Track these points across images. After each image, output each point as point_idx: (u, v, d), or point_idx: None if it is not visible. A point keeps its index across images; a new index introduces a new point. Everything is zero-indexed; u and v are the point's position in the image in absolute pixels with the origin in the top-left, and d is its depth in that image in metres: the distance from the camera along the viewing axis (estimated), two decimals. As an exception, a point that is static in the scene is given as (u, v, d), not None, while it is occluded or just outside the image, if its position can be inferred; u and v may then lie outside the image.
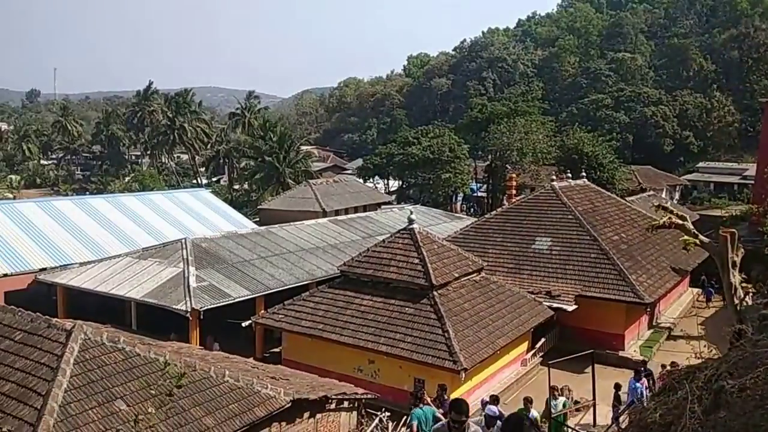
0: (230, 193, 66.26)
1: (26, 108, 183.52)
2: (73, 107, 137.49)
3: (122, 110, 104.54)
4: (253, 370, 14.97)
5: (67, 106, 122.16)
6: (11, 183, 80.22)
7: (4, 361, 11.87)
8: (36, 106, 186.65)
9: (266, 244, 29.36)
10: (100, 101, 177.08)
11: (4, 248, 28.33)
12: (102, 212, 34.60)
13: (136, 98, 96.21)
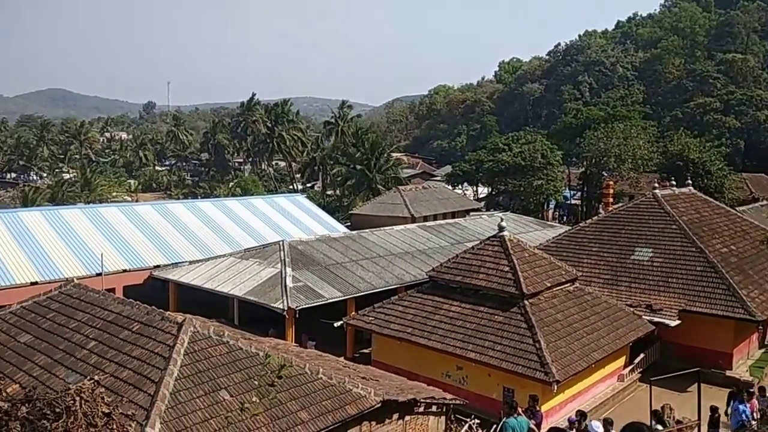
0: (323, 198, 68.28)
1: (143, 119, 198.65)
2: (185, 118, 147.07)
3: (227, 120, 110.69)
4: (344, 369, 15.50)
5: (179, 117, 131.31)
6: (130, 187, 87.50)
7: (122, 349, 13.05)
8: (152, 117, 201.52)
9: (357, 248, 30.11)
10: (208, 112, 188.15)
11: (124, 246, 30.97)
12: (209, 215, 36.93)
13: (240, 109, 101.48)
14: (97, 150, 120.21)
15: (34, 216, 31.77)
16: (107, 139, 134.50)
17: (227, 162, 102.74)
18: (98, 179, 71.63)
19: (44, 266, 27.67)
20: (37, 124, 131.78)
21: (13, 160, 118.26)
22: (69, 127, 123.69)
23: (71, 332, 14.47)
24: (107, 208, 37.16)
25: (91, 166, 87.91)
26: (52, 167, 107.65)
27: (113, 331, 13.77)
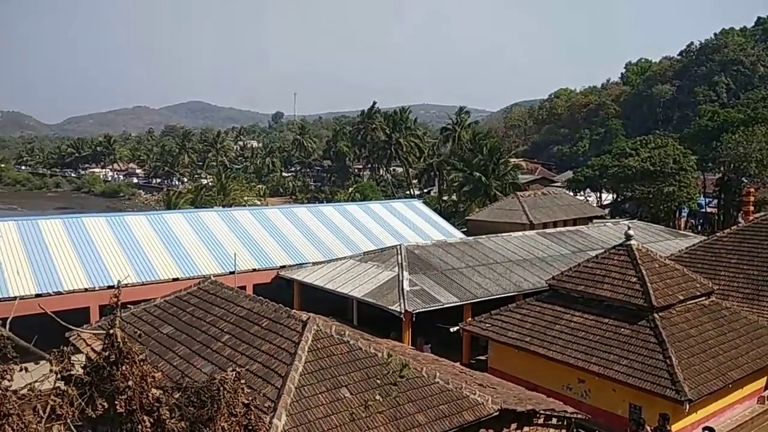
0: (440, 204, 68.46)
1: (272, 128, 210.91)
2: (309, 127, 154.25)
3: (348, 128, 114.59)
4: (461, 374, 15.47)
5: (304, 126, 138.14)
6: (260, 192, 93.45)
7: (253, 343, 13.93)
8: (279, 126, 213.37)
9: (474, 254, 29.88)
10: (330, 121, 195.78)
11: (254, 247, 33.10)
12: (330, 218, 38.46)
13: (360, 117, 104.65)
14: (231, 157, 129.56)
15: (176, 218, 34.84)
16: (240, 147, 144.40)
17: (347, 168, 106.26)
18: (232, 184, 76.96)
19: (184, 264, 30.25)
20: (179, 134, 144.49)
21: (158, 166, 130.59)
22: (207, 136, 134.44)
23: (208, 325, 15.72)
24: (240, 211, 39.94)
25: (225, 172, 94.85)
26: (192, 173, 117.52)
27: (245, 326, 14.76)
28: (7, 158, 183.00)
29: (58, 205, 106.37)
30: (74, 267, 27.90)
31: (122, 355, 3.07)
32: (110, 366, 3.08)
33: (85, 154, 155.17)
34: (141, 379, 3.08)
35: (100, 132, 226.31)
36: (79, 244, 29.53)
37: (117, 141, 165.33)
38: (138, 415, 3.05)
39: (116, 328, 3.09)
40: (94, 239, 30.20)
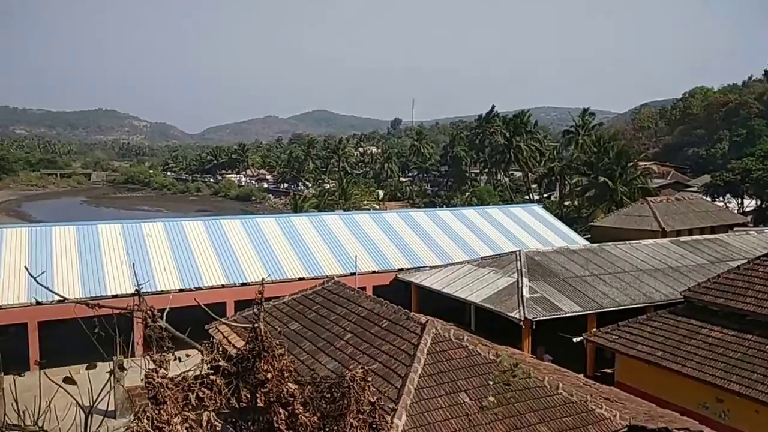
0: (560, 209, 65.98)
1: (390, 134, 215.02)
2: (426, 132, 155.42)
3: (465, 133, 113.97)
4: (585, 387, 14.85)
5: (421, 132, 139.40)
6: (378, 196, 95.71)
7: (373, 343, 14.33)
8: (398, 132, 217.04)
9: (599, 262, 28.51)
10: (447, 126, 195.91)
11: (374, 250, 33.98)
12: (447, 223, 38.50)
13: (477, 121, 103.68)
14: (352, 163, 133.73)
15: (302, 220, 36.66)
16: (360, 153, 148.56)
17: (464, 173, 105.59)
18: (352, 189, 79.43)
19: (309, 264, 31.72)
20: (305, 142, 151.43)
21: (286, 172, 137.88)
22: (329, 143, 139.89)
23: (331, 324, 16.41)
24: (360, 214, 41.16)
25: (346, 177, 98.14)
26: (315, 178, 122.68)
27: (366, 326, 15.23)
28: (155, 165, 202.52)
29: (199, 208, 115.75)
30: (213, 265, 30.27)
31: (264, 349, 3.34)
32: (254, 359, 3.36)
33: (222, 161, 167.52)
34: (280, 373, 3.33)
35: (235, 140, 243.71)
36: (217, 244, 32.00)
37: (250, 149, 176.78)
38: (275, 407, 3.30)
39: (260, 322, 3.37)
40: (230, 239, 32.58)
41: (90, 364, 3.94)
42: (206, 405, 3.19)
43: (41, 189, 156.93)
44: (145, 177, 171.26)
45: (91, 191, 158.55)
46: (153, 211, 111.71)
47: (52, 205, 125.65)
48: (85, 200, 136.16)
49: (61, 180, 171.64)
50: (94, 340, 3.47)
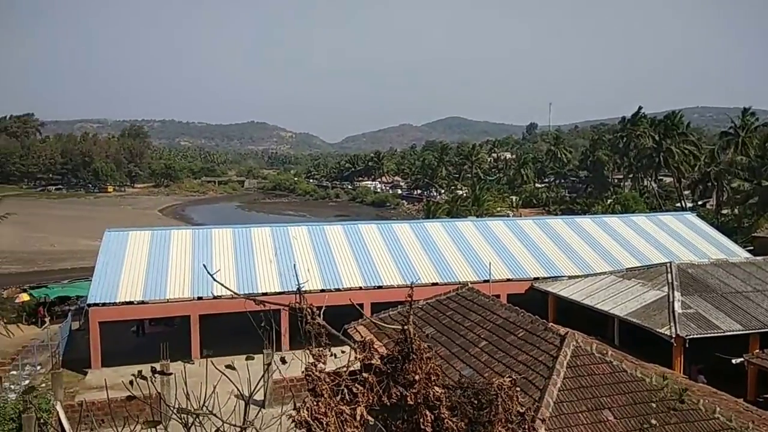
0: (717, 218, 60.15)
1: (525, 139, 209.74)
2: (564, 136, 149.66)
3: (607, 136, 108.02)
4: (746, 413, 13.45)
5: (559, 136, 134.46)
6: (512, 203, 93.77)
7: (509, 352, 14.10)
8: (533, 137, 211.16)
9: (764, 277, 25.67)
10: (587, 129, 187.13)
11: (508, 257, 33.39)
12: (587, 231, 36.76)
13: (621, 124, 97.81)
14: (485, 169, 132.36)
15: (435, 226, 36.98)
16: (494, 159, 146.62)
17: (605, 178, 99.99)
18: (485, 195, 78.54)
19: (443, 269, 31.91)
20: (438, 148, 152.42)
21: (419, 179, 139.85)
22: (462, 149, 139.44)
23: (466, 330, 16.39)
24: (494, 221, 40.65)
25: (479, 183, 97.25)
26: (448, 185, 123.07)
27: (501, 335, 15.04)
28: (299, 172, 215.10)
29: (338, 213, 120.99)
30: (352, 267, 31.55)
31: (413, 351, 3.49)
32: (403, 360, 3.53)
33: (359, 169, 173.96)
34: (427, 376, 3.46)
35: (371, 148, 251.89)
36: (355, 247, 33.31)
37: (385, 156, 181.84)
38: (421, 409, 3.43)
39: (409, 325, 3.53)
40: (367, 243, 33.75)
41: (248, 355, 4.32)
42: (359, 400, 3.40)
43: (202, 195, 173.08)
44: (290, 184, 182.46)
45: (243, 197, 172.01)
46: (297, 216, 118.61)
47: (211, 209, 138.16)
48: (238, 205, 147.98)
49: (218, 186, 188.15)
50: (260, 333, 3.83)
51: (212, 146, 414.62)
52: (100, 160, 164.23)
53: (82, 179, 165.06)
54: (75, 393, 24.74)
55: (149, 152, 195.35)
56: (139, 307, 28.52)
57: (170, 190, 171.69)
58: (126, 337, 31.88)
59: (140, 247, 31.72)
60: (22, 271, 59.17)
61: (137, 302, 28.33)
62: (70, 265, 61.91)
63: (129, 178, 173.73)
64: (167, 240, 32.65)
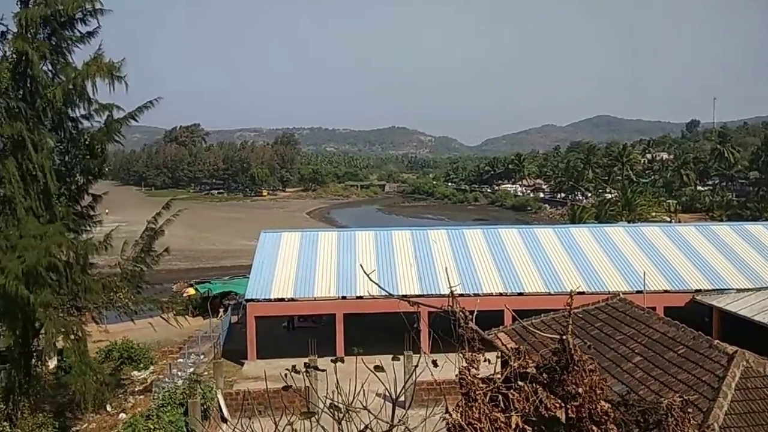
0: None
1: (685, 138, 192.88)
2: (731, 134, 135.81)
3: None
4: None
5: (725, 134, 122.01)
6: (669, 207, 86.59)
7: (668, 370, 13.01)
8: (694, 135, 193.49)
9: None
10: (758, 126, 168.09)
11: (665, 267, 30.82)
12: (760, 239, 32.91)
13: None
14: (638, 171, 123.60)
15: (581, 232, 35.18)
16: (648, 160, 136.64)
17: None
18: (638, 199, 73.41)
19: (590, 277, 30.25)
20: (584, 149, 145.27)
21: (563, 181, 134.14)
22: (612, 150, 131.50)
23: (617, 344, 15.37)
24: (648, 227, 37.81)
25: (631, 186, 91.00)
26: (596, 188, 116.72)
27: (658, 350, 13.93)
28: (438, 176, 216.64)
29: (476, 217, 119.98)
30: (491, 272, 31.03)
31: (574, 363, 3.31)
32: (561, 371, 3.35)
33: (499, 172, 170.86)
34: (590, 389, 3.25)
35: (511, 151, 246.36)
36: (495, 252, 32.73)
37: (526, 158, 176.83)
38: (586, 423, 3.24)
39: (568, 335, 3.35)
40: (507, 248, 33.00)
41: (395, 356, 4.35)
42: (515, 409, 3.29)
43: (345, 198, 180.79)
44: (429, 187, 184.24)
45: (384, 200, 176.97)
46: (436, 219, 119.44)
47: (354, 212, 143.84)
48: (379, 208, 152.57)
49: (360, 190, 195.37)
50: (413, 335, 3.85)
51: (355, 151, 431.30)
52: (257, 165, 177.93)
53: (241, 183, 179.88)
54: (233, 382, 26.89)
55: (299, 158, 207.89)
56: (290, 303, 30.39)
57: (317, 194, 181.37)
58: (278, 331, 34.12)
59: (291, 247, 33.79)
60: (189, 267, 65.67)
61: (288, 299, 30.18)
62: (229, 263, 67.70)
63: (281, 183, 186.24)
64: (315, 241, 34.45)
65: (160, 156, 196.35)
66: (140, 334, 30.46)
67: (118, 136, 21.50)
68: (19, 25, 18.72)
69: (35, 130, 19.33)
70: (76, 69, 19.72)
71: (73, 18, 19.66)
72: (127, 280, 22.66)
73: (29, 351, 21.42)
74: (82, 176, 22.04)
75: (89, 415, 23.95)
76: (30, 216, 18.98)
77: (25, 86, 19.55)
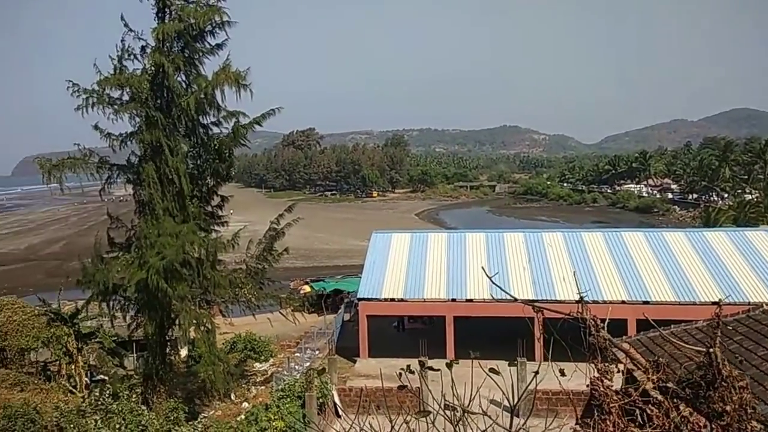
0: None
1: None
2: None
3: None
4: None
5: None
6: None
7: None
8: None
9: None
10: None
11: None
12: None
13: None
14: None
15: (717, 236, 32.29)
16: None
17: None
18: (782, 200, 66.46)
19: (728, 286, 27.65)
20: (720, 146, 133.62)
21: (695, 181, 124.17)
22: (753, 146, 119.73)
23: (759, 360, 13.91)
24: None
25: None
26: (734, 188, 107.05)
27: (811, 369, 12.43)
28: (552, 176, 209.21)
29: (595, 219, 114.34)
30: (613, 278, 29.36)
31: (722, 378, 2.99)
32: (707, 386, 3.04)
33: (620, 171, 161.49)
34: (740, 407, 2.93)
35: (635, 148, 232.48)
36: (617, 257, 30.92)
37: (652, 156, 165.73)
38: (736, 446, 2.91)
39: (716, 347, 3.03)
40: (632, 253, 31.04)
41: (511, 361, 4.18)
42: (653, 424, 3.03)
43: (454, 199, 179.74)
44: (543, 188, 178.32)
45: (494, 201, 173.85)
46: (549, 221, 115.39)
47: (463, 213, 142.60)
48: (489, 210, 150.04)
49: (470, 191, 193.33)
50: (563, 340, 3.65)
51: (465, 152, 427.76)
52: (367, 167, 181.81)
53: (352, 185, 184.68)
54: (346, 378, 27.60)
55: (408, 159, 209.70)
56: (400, 304, 30.67)
57: (426, 195, 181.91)
58: (388, 331, 34.57)
59: (401, 248, 34.08)
60: (304, 266, 68.37)
61: (398, 299, 30.48)
62: (341, 263, 69.68)
63: (390, 184, 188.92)
64: (425, 242, 34.49)
65: (278, 159, 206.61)
66: (260, 328, 32.15)
67: (244, 140, 22.83)
68: (156, 39, 20.39)
69: (171, 136, 21.00)
70: (207, 79, 21.16)
71: (204, 31, 21.10)
72: (251, 276, 24.01)
73: (165, 340, 23.31)
74: (211, 179, 23.65)
75: (216, 403, 25.65)
76: (167, 216, 20.65)
77: (162, 96, 21.28)
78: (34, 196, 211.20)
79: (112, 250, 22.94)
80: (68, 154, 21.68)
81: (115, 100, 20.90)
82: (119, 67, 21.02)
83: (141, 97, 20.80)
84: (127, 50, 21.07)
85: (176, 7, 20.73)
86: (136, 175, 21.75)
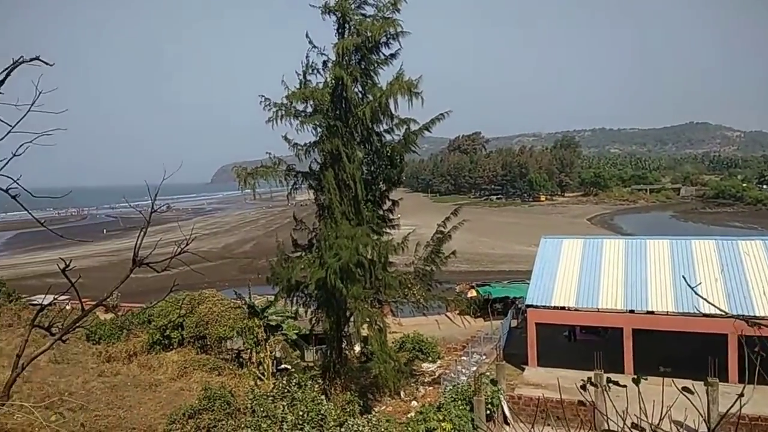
0: None
1: None
2: None
3: None
4: None
5: None
6: None
7: None
8: None
9: None
10: None
11: None
12: None
13: None
14: None
15: None
16: None
17: None
18: None
19: None
20: None
21: None
22: None
23: None
24: None
25: None
26: None
27: None
28: (748, 177, 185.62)
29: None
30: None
31: None
32: None
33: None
34: None
35: None
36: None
37: None
38: None
39: None
40: None
41: (707, 381, 3.85)
42: None
43: (631, 203, 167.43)
44: (737, 191, 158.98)
45: (679, 206, 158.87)
46: (745, 228, 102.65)
47: (641, 218, 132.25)
48: (673, 215, 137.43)
49: (650, 195, 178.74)
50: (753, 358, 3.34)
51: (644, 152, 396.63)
52: (535, 171, 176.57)
53: (518, 189, 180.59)
54: (514, 386, 27.08)
55: (579, 161, 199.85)
56: (572, 313, 29.33)
57: (598, 199, 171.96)
58: (559, 340, 33.24)
59: (573, 254, 32.58)
60: (469, 270, 68.30)
61: (570, 308, 29.18)
62: (507, 268, 68.48)
63: (559, 187, 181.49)
64: (599, 249, 32.60)
65: (444, 164, 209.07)
66: (427, 329, 32.85)
67: (414, 147, 23.56)
68: (337, 54, 21.84)
69: (348, 144, 22.37)
70: (381, 89, 22.19)
71: (379, 42, 22.17)
72: (419, 278, 24.67)
73: (341, 336, 24.83)
74: (384, 184, 24.74)
75: (386, 399, 26.69)
76: (344, 219, 22.02)
77: (340, 107, 22.74)
78: (229, 201, 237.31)
79: (295, 250, 24.99)
80: (259, 163, 24.08)
81: (300, 112, 22.78)
82: (304, 81, 22.88)
83: (323, 108, 22.42)
84: (311, 65, 22.86)
85: (355, 21, 22.02)
86: (317, 181, 23.48)
